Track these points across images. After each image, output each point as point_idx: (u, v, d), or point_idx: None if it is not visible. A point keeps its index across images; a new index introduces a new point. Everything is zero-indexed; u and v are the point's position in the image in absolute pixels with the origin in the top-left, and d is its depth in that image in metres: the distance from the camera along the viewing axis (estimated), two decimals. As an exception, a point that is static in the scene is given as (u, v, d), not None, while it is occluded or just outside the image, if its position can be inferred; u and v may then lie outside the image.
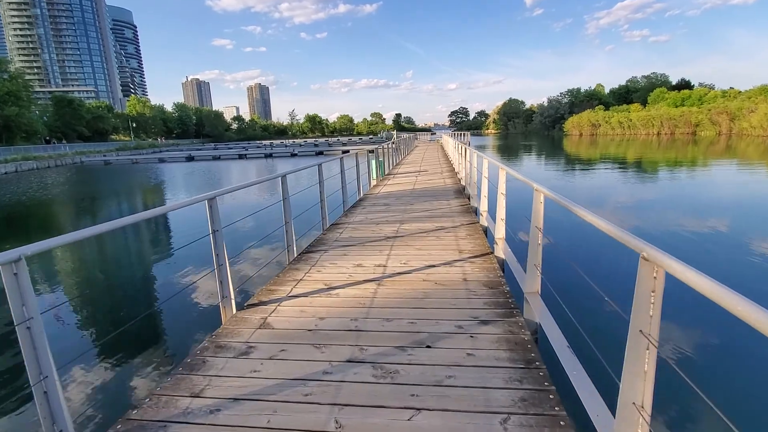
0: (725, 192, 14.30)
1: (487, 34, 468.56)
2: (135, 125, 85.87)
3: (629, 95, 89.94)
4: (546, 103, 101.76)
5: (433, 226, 5.71)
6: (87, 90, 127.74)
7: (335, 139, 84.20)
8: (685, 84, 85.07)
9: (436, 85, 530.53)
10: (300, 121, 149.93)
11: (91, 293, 7.06)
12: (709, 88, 76.73)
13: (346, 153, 10.11)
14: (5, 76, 50.46)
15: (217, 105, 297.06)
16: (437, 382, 2.16)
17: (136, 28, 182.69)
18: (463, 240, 4.92)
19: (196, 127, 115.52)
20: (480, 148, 42.90)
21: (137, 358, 4.63)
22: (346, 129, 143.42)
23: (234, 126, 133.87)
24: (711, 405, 1.19)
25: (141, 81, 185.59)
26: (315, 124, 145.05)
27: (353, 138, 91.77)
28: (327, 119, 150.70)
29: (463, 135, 39.36)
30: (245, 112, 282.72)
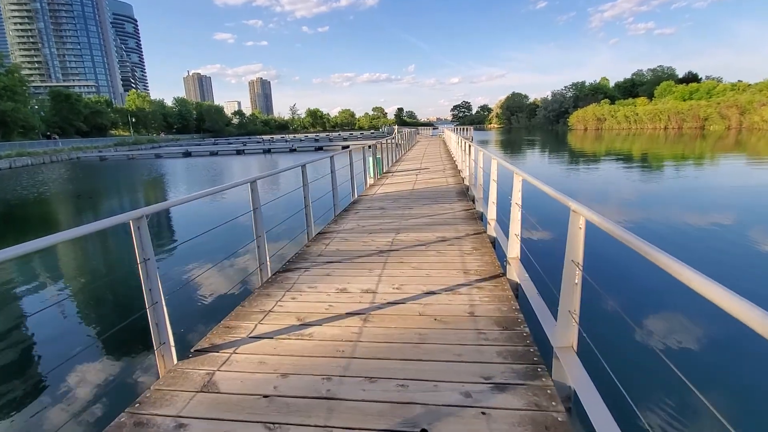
0: (745, 189, 13.49)
1: (490, 27, 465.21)
2: (134, 120, 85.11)
3: (635, 89, 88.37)
4: (550, 97, 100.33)
5: (434, 236, 4.98)
6: (87, 85, 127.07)
7: (336, 134, 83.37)
8: (693, 77, 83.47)
9: (438, 79, 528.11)
10: (301, 116, 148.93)
11: (93, 288, 6.90)
12: (717, 81, 75.25)
13: (346, 148, 9.44)
14: (1, 70, 49.76)
15: (219, 100, 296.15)
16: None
17: (136, 22, 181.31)
18: (469, 256, 4.19)
19: (196, 122, 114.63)
20: (482, 143, 42.08)
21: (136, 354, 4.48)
22: (347, 124, 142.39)
23: (235, 121, 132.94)
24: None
25: (142, 76, 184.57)
26: (316, 118, 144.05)
27: (354, 133, 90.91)
28: (328, 114, 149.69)
29: (466, 130, 38.49)
30: (247, 106, 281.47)
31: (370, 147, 12.00)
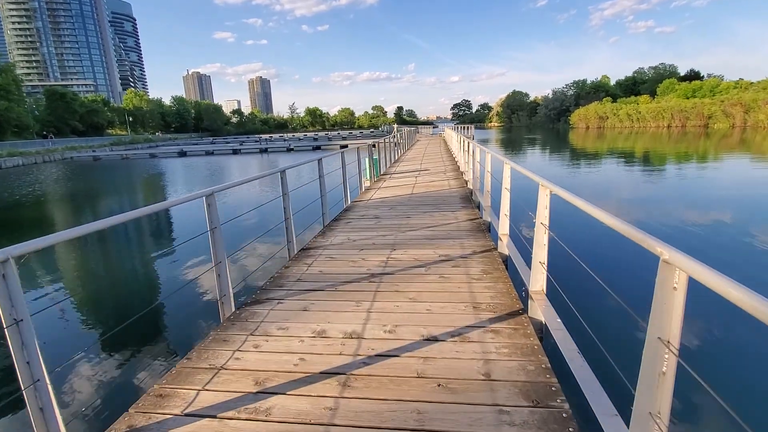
0: (751, 189, 12.75)
1: (491, 25, 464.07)
2: (132, 119, 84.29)
3: (636, 87, 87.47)
4: (551, 95, 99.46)
5: (436, 254, 4.24)
6: (86, 84, 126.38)
7: (335, 133, 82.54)
8: (695, 75, 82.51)
9: (438, 78, 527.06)
10: (300, 115, 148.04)
11: (86, 291, 6.73)
12: (719, 79, 74.32)
13: (344, 148, 8.81)
14: (-6, 69, 48.98)
15: (219, 99, 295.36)
16: None
17: (135, 20, 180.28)
18: (478, 282, 3.44)
19: (194, 121, 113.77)
20: (483, 141, 41.22)
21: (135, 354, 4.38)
22: (347, 122, 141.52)
23: (234, 120, 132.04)
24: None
25: (141, 75, 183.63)
26: (315, 117, 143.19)
27: (354, 132, 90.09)
28: (328, 113, 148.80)
29: (467, 128, 37.72)
30: (247, 105, 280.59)
31: (374, 145, 11.24)
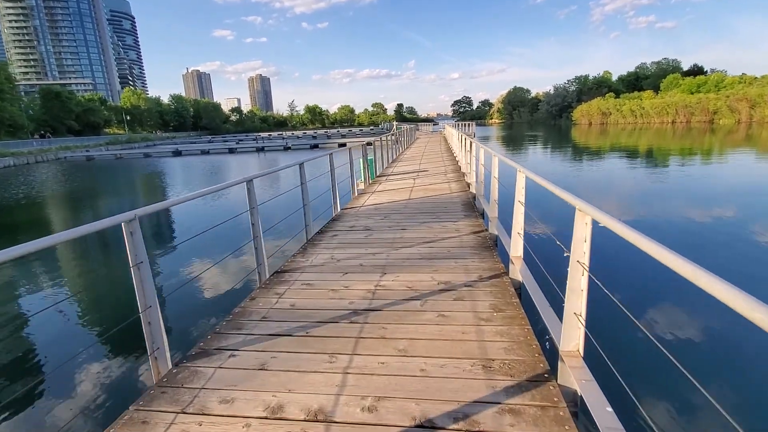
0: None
1: (491, 22, 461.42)
2: (129, 118, 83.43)
3: (639, 82, 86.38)
4: (552, 92, 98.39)
5: (435, 282, 3.46)
6: (84, 83, 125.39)
7: (335, 131, 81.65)
8: (698, 70, 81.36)
9: (438, 75, 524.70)
10: (300, 113, 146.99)
11: (84, 291, 6.74)
12: (724, 74, 73.15)
13: (343, 146, 8.09)
14: (-14, 68, 48.15)
15: (218, 97, 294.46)
16: None
17: (134, 18, 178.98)
18: (488, 326, 2.67)
19: (193, 120, 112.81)
20: (484, 139, 40.31)
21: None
22: (347, 120, 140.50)
23: (233, 118, 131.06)
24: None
25: (140, 73, 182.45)
26: (315, 115, 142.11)
27: (353, 129, 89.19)
28: (327, 110, 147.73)
29: (468, 125, 36.91)
30: (246, 104, 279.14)
31: (370, 144, 10.46)
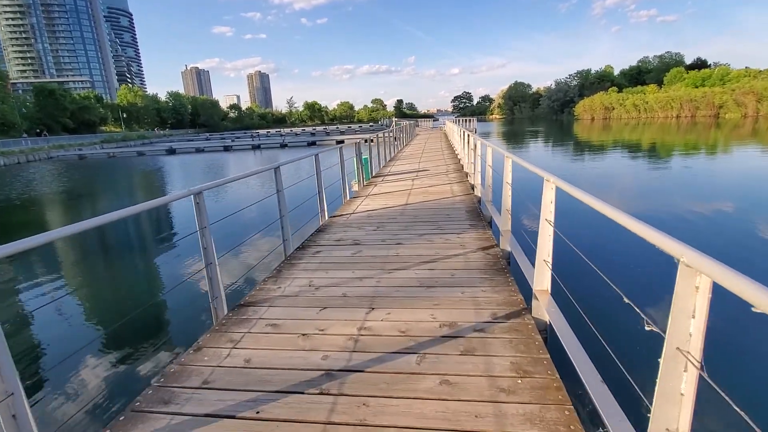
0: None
1: (491, 16, 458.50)
2: (126, 116, 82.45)
3: (641, 76, 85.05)
4: (553, 86, 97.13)
5: (436, 323, 2.66)
6: (82, 80, 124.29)
7: (333, 128, 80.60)
8: (702, 63, 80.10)
9: (438, 70, 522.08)
10: (299, 109, 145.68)
11: (83, 291, 6.59)
12: (728, 67, 71.95)
13: (341, 143, 7.50)
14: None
15: (218, 94, 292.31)
16: None
17: (131, 15, 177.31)
18: (513, 407, 1.88)
19: (191, 117, 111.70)
20: (484, 135, 39.41)
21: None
22: (346, 116, 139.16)
23: (231, 115, 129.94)
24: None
25: (138, 70, 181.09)
26: (314, 111, 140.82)
27: (353, 126, 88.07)
28: (326, 107, 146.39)
29: (469, 121, 36.04)
30: (246, 100, 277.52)
31: (367, 141, 9.66)
